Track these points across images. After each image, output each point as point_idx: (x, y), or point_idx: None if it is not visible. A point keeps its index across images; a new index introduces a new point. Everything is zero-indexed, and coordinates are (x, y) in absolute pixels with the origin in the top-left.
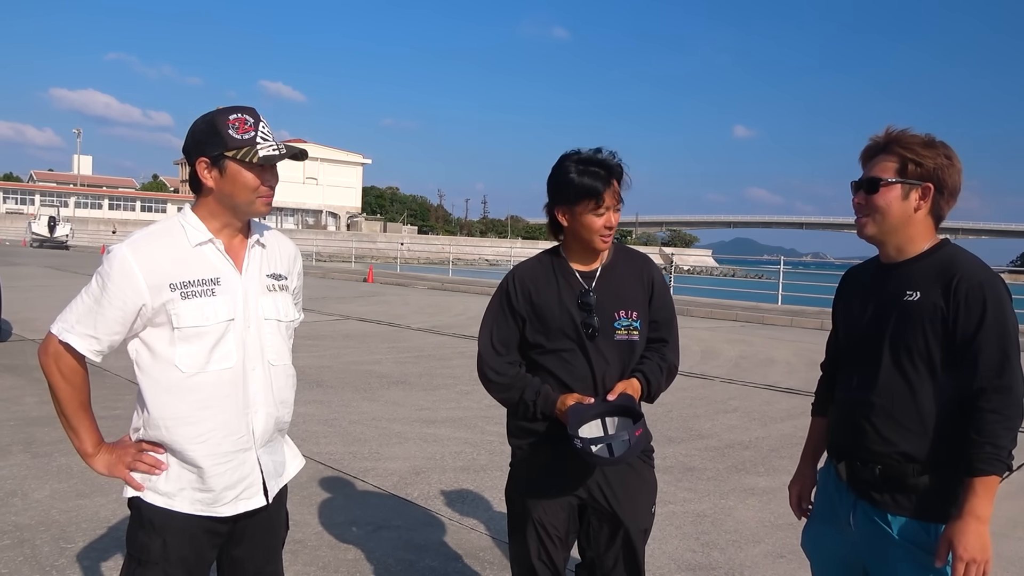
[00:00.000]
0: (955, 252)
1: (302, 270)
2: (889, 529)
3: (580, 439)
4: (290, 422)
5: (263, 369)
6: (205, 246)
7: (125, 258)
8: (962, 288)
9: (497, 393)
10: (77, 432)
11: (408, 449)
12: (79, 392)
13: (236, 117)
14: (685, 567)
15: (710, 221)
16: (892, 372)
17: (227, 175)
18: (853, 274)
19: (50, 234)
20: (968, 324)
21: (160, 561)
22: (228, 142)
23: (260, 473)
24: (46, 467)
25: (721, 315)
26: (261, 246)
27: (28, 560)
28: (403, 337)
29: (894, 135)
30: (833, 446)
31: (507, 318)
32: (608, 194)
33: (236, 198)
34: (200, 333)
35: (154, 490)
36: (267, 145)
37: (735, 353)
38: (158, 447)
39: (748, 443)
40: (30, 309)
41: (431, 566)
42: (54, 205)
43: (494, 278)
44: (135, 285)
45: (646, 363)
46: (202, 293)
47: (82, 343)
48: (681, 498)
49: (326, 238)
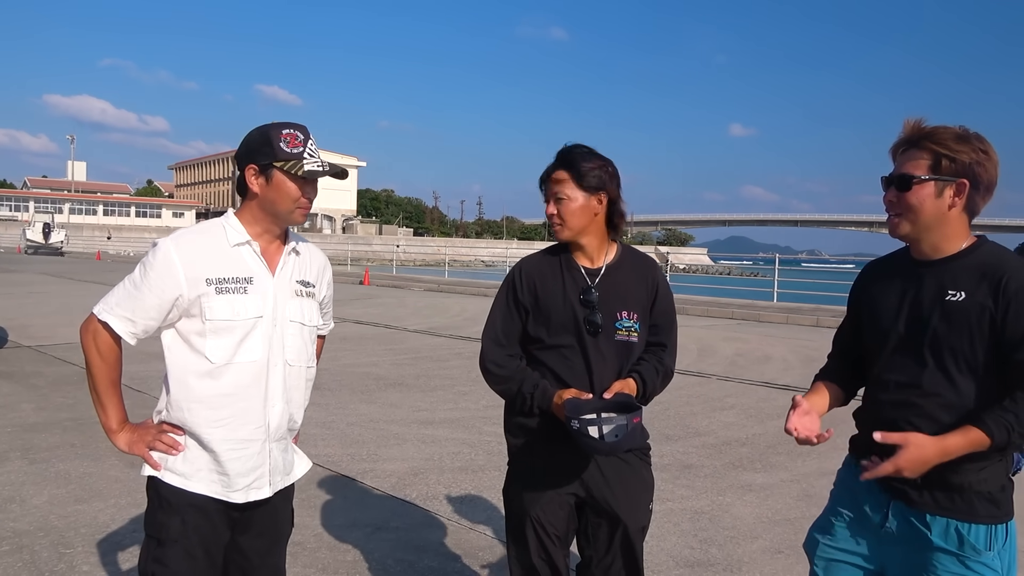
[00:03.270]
0: (998, 250)
1: (331, 280)
2: (928, 531)
3: (578, 420)
4: (300, 426)
5: (282, 367)
6: (243, 247)
7: (168, 251)
8: (1011, 288)
9: (496, 384)
10: (105, 408)
11: (406, 450)
12: (112, 370)
13: (288, 132)
14: (683, 564)
15: (705, 220)
16: (936, 374)
17: (272, 183)
18: (879, 267)
19: (45, 240)
20: (1018, 324)
21: (180, 538)
22: (278, 154)
23: (269, 465)
24: (44, 473)
25: (717, 313)
26: (296, 253)
27: (27, 566)
28: (400, 339)
29: (926, 130)
30: (867, 445)
31: (511, 310)
32: (550, 182)
33: (278, 205)
34: (230, 327)
35: (171, 470)
36: (312, 161)
37: (731, 351)
38: (178, 429)
39: (745, 440)
40: (26, 316)
41: (430, 567)
42: (48, 211)
43: (490, 279)
44: (175, 276)
45: (643, 365)
46: (235, 290)
47: (119, 324)
48: (679, 495)
49: (322, 241)
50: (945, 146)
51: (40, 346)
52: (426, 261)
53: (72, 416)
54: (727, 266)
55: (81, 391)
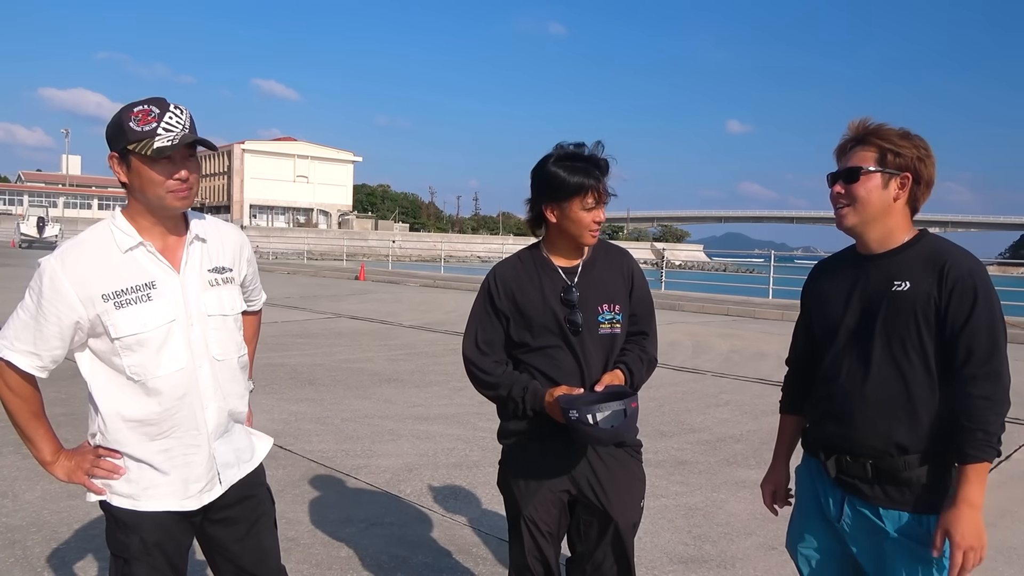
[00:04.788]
0: (939, 242)
1: (252, 256)
2: (881, 523)
3: (576, 411)
4: (246, 409)
5: (209, 366)
6: (136, 250)
7: (54, 273)
8: (953, 276)
9: (485, 391)
10: (33, 442)
11: (401, 446)
12: (29, 403)
13: (141, 109)
14: (677, 560)
15: (701, 216)
16: (884, 363)
17: (132, 170)
18: (826, 265)
19: (39, 235)
20: (960, 312)
21: (142, 556)
22: (129, 135)
23: (217, 465)
24: (36, 468)
25: (713, 309)
26: (201, 241)
27: (19, 561)
28: (395, 334)
29: (872, 127)
30: (819, 441)
31: (491, 318)
32: (598, 190)
33: (146, 193)
34: (141, 340)
35: (118, 494)
36: (166, 136)
37: (726, 347)
38: (115, 452)
39: (740, 436)
40: None
41: (424, 562)
42: (43, 205)
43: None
44: (67, 300)
45: (628, 355)
46: (137, 300)
47: (23, 360)
48: (673, 491)
49: (317, 236)
50: (890, 141)
51: None
52: (422, 257)
53: (65, 411)
54: (723, 263)
55: (75, 385)
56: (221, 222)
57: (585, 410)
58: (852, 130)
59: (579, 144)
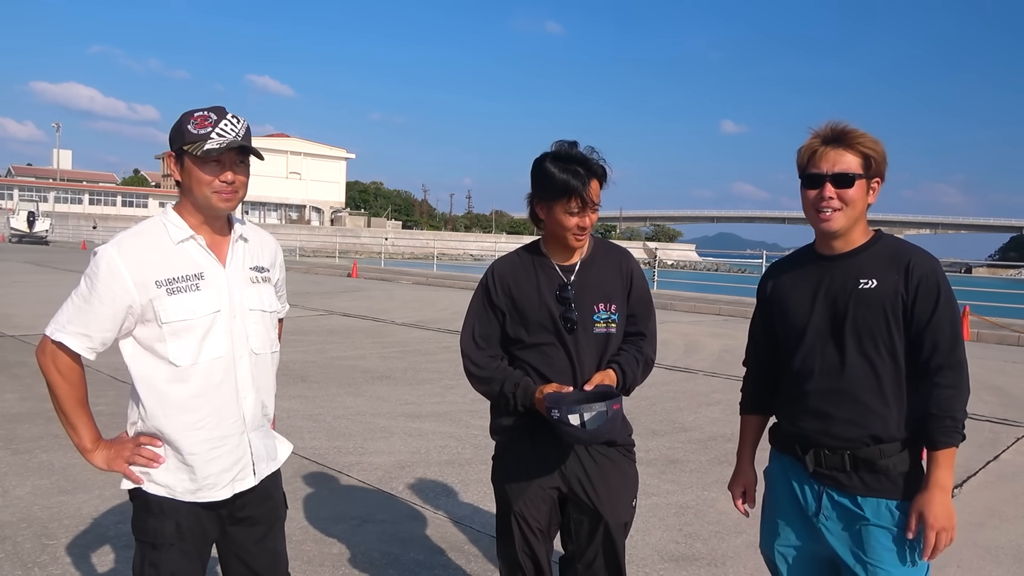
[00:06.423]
0: (898, 241)
1: (283, 263)
2: (861, 511)
3: (558, 410)
4: (273, 411)
5: (248, 357)
6: (187, 243)
7: (112, 258)
8: (918, 274)
9: (479, 386)
10: (76, 428)
11: (393, 443)
12: (76, 389)
13: (200, 114)
14: (668, 558)
15: (693, 216)
16: (857, 359)
17: (185, 169)
18: (785, 264)
19: (29, 229)
20: (926, 308)
21: (176, 542)
22: (186, 137)
23: (251, 455)
24: (27, 464)
25: (704, 309)
26: (244, 240)
27: (10, 557)
28: (388, 332)
29: (855, 132)
30: (795, 437)
31: (488, 313)
32: (585, 194)
33: (194, 192)
34: (188, 327)
35: (154, 482)
36: (217, 140)
37: (718, 346)
38: (156, 440)
39: (730, 435)
40: (10, 305)
41: (416, 559)
42: (33, 200)
43: (479, 273)
44: (123, 283)
45: (623, 355)
46: (187, 288)
47: (75, 341)
48: (664, 490)
49: (310, 233)
50: (871, 148)
51: (23, 336)
52: (415, 254)
53: None
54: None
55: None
56: (260, 228)
57: (567, 410)
58: (834, 132)
59: (572, 143)
